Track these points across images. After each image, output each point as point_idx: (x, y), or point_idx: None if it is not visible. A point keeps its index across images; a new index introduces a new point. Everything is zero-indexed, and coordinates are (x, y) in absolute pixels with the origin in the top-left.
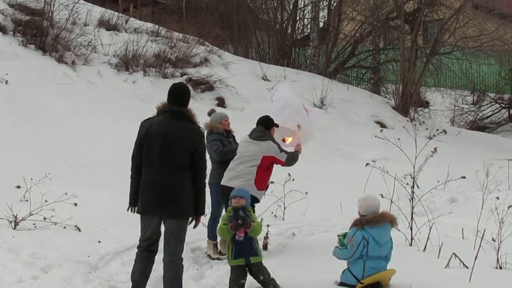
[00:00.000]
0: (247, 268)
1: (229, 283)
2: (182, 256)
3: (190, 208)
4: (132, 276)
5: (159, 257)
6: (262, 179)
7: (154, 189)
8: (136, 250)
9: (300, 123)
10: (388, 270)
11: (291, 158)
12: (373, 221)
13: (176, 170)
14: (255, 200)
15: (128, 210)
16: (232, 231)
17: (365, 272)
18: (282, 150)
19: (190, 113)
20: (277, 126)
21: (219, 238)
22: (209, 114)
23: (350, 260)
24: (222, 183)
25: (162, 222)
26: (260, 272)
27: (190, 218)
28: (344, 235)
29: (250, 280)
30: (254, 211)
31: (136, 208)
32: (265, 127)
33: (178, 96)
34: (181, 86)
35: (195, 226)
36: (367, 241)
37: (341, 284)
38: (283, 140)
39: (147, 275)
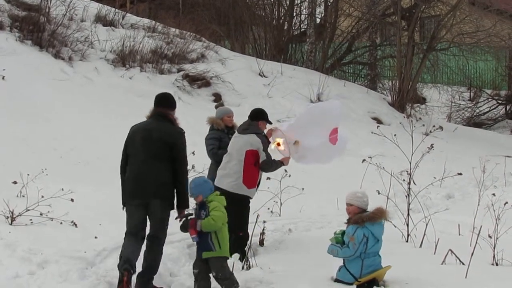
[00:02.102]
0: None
1: None
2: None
3: (171, 197)
4: (122, 257)
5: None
6: (251, 176)
7: (135, 178)
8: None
9: (300, 142)
10: (385, 267)
11: (268, 163)
12: (374, 218)
13: (155, 161)
14: (247, 198)
15: (123, 209)
16: (182, 231)
17: (363, 270)
18: (265, 150)
19: (172, 116)
20: (270, 122)
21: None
22: (216, 107)
23: (350, 259)
24: (215, 183)
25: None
26: (214, 269)
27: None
28: (342, 233)
29: (246, 278)
30: (249, 207)
31: None
32: (251, 118)
33: (161, 98)
34: (165, 92)
35: (178, 218)
36: (367, 238)
37: (336, 281)
38: (277, 144)
39: (136, 256)
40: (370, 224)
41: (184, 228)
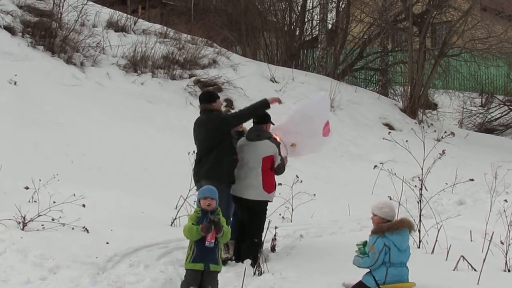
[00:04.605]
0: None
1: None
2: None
3: (220, 176)
4: None
5: (166, 259)
6: (269, 181)
7: (196, 165)
8: None
9: (297, 144)
10: (410, 282)
11: (281, 167)
12: (393, 228)
13: (206, 149)
14: (267, 202)
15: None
16: (203, 232)
17: (387, 278)
18: (280, 153)
19: (214, 107)
20: (273, 124)
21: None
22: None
23: (372, 268)
24: (234, 193)
25: None
26: (210, 283)
27: None
28: (364, 244)
29: (258, 284)
30: (266, 213)
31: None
32: (259, 123)
33: (201, 96)
34: (204, 91)
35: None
36: (389, 248)
37: (360, 283)
38: None
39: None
40: (390, 234)
41: (210, 229)
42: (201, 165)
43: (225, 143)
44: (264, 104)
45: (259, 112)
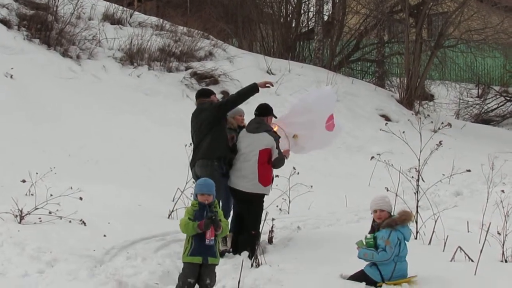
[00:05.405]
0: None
1: (178, 280)
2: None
3: (213, 156)
4: None
5: (163, 252)
6: (266, 175)
7: (193, 153)
8: None
9: (299, 135)
10: (411, 276)
11: (279, 161)
12: (405, 221)
13: (203, 135)
14: (264, 196)
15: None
16: (201, 230)
17: (394, 274)
18: (278, 147)
19: (209, 100)
20: (275, 117)
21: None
22: None
23: (386, 263)
24: (229, 184)
25: None
26: (208, 276)
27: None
28: (373, 237)
29: (255, 276)
30: (263, 205)
31: None
32: (260, 115)
33: (197, 93)
34: (200, 88)
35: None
36: (400, 241)
37: (362, 274)
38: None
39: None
40: (402, 227)
41: (208, 226)
42: (198, 151)
43: (219, 128)
44: (253, 88)
45: (248, 96)
